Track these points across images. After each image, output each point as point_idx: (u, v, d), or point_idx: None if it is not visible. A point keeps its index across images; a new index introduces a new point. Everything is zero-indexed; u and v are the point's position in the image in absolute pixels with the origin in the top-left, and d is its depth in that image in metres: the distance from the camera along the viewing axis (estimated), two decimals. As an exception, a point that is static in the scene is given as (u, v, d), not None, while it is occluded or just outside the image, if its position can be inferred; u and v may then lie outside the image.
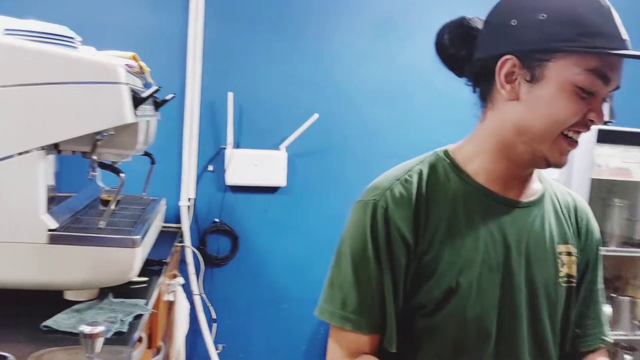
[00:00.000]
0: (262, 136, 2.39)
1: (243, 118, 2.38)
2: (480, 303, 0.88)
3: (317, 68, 2.42)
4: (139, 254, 1.37)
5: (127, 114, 1.30)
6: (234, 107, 2.31)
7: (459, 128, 2.17)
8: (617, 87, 0.84)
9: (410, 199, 0.89)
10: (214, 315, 2.37)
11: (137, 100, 1.35)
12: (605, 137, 1.94)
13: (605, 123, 0.88)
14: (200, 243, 2.37)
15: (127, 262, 1.34)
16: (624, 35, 0.80)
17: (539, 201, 0.96)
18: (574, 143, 0.86)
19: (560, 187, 1.03)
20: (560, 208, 0.99)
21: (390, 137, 2.46)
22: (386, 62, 2.45)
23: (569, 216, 1.00)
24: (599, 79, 0.80)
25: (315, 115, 2.33)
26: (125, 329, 1.23)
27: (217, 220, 2.37)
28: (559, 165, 0.88)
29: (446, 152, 0.95)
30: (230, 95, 2.29)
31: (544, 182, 1.00)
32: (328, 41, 2.43)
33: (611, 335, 1.01)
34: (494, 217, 0.91)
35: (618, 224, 2.16)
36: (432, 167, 0.93)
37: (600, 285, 1.01)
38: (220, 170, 2.36)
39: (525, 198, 0.94)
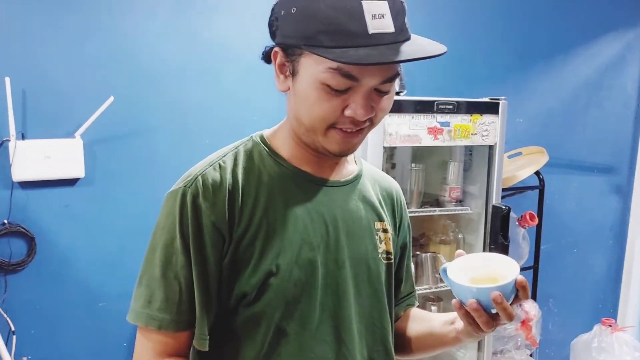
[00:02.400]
0: (52, 124, 2.15)
1: (28, 105, 2.12)
2: (302, 283, 0.86)
3: (113, 46, 2.23)
4: None
5: None
6: (14, 93, 2.04)
7: (270, 103, 2.18)
8: (391, 78, 0.80)
9: (223, 184, 0.84)
10: (12, 327, 2.12)
11: None
12: (393, 108, 2.04)
13: (372, 120, 0.85)
14: (-13, 249, 2.10)
15: None
16: (374, 29, 0.73)
17: (354, 181, 0.97)
18: (352, 134, 0.83)
19: (377, 170, 1.08)
20: (376, 189, 1.01)
21: (201, 116, 2.36)
22: (189, 37, 2.32)
23: (385, 198, 1.02)
24: (344, 78, 0.76)
25: (111, 98, 2.15)
26: None
27: (6, 221, 2.10)
28: (340, 154, 0.87)
29: (262, 137, 0.93)
30: (7, 80, 2.02)
31: (360, 163, 1.02)
32: (123, 16, 2.24)
33: (417, 289, 1.22)
34: (311, 197, 0.90)
35: (417, 186, 2.33)
36: (248, 152, 0.90)
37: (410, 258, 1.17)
38: (5, 166, 2.08)
39: (340, 178, 0.95)
